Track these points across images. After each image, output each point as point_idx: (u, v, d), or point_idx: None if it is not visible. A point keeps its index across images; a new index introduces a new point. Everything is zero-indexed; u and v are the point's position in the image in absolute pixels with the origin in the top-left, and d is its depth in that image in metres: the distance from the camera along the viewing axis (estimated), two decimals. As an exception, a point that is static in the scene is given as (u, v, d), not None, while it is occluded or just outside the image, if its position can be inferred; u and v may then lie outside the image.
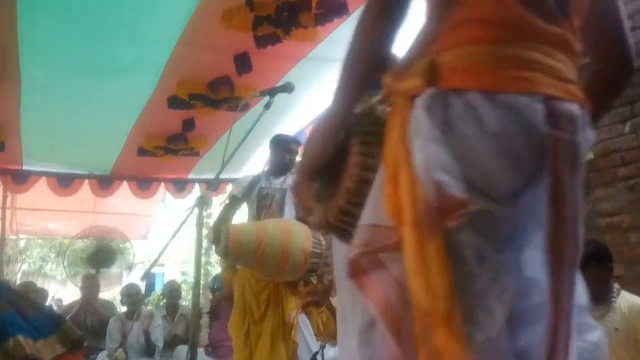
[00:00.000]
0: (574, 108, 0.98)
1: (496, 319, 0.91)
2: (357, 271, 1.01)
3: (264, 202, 3.32)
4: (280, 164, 3.39)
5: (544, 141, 0.94)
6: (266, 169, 3.51)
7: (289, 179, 3.48)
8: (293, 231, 2.97)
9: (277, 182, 3.40)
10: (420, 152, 0.93)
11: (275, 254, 2.83)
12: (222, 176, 3.22)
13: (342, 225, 1.16)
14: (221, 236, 2.80)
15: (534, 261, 0.99)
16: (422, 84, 0.98)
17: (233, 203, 3.39)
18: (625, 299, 2.70)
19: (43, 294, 5.60)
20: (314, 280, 3.33)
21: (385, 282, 0.98)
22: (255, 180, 3.39)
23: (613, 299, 2.71)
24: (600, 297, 2.75)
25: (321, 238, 3.07)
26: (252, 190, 3.33)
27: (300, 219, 3.12)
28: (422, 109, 0.96)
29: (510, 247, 0.99)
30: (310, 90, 3.57)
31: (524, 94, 0.94)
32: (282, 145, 3.34)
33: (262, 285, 3.16)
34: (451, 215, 0.88)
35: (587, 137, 1.01)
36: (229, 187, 4.62)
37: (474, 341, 0.89)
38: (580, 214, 0.97)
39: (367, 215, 1.02)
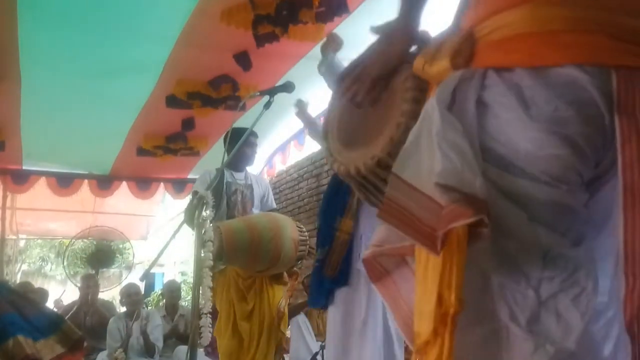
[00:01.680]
0: None
1: (573, 329, 0.74)
2: (380, 274, 0.90)
3: (234, 198, 3.25)
4: (240, 158, 3.26)
5: (610, 127, 0.76)
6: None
7: (250, 174, 3.43)
8: (280, 222, 2.95)
9: (241, 177, 3.33)
10: (426, 154, 0.80)
11: (269, 247, 2.80)
12: (222, 176, 3.21)
13: (374, 179, 1.00)
14: (214, 237, 2.65)
15: (605, 269, 0.82)
16: (448, 66, 0.84)
17: (200, 200, 3.26)
18: None
19: (42, 293, 5.59)
20: (297, 269, 3.26)
21: (406, 281, 0.87)
22: (218, 175, 3.29)
23: None
24: None
25: (302, 225, 3.07)
26: (218, 185, 3.15)
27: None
28: (435, 100, 0.81)
29: (585, 244, 0.82)
30: (310, 90, 3.56)
31: (583, 66, 0.75)
32: (241, 139, 2.91)
33: (249, 282, 3.11)
34: (446, 226, 0.72)
35: None
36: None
37: (549, 355, 0.73)
38: None
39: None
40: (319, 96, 3.64)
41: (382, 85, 1.06)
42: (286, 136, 5.68)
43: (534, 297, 0.75)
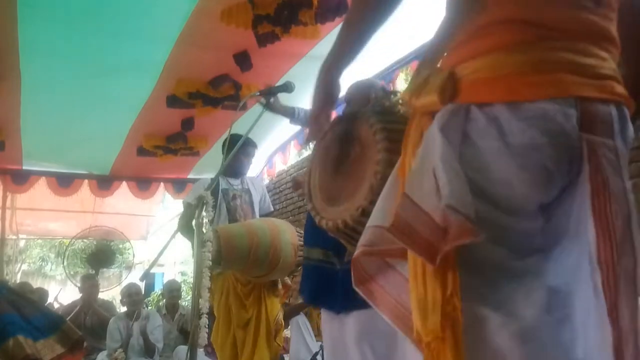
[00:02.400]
0: (610, 108, 0.92)
1: (529, 313, 0.88)
2: (363, 277, 0.99)
3: (233, 204, 3.24)
4: (236, 166, 3.28)
5: (578, 149, 0.88)
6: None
7: (246, 178, 3.42)
8: (279, 227, 2.92)
9: (237, 183, 3.32)
10: (427, 178, 0.89)
11: (267, 252, 2.77)
12: (223, 176, 3.20)
13: (362, 229, 1.06)
14: (212, 241, 2.63)
15: (573, 273, 0.93)
16: (438, 100, 0.94)
17: (200, 200, 3.20)
18: None
19: (42, 294, 5.60)
20: (288, 281, 3.22)
21: (396, 283, 0.96)
22: (214, 182, 3.26)
23: None
24: None
25: (301, 230, 3.05)
26: (213, 193, 3.19)
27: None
28: (437, 128, 0.92)
29: (538, 256, 0.94)
30: (310, 90, 3.56)
31: (553, 99, 0.88)
32: (238, 146, 2.85)
33: (248, 289, 3.08)
34: (452, 243, 0.83)
35: (628, 137, 0.95)
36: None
37: (510, 328, 0.86)
38: (635, 220, 0.90)
39: (376, 216, 0.98)
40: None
41: (349, 140, 1.23)
42: (286, 136, 5.68)
43: (494, 299, 0.89)
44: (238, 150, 2.52)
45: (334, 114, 1.42)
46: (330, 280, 2.15)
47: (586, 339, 0.89)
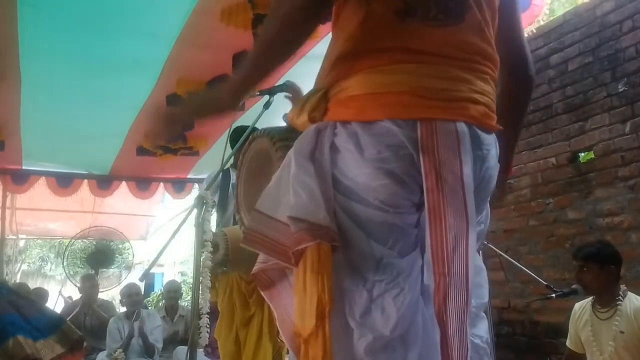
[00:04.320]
0: (457, 127, 1.01)
1: (390, 320, 0.98)
2: (266, 284, 1.13)
3: None
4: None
5: (419, 163, 0.99)
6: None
7: None
8: None
9: None
10: (284, 191, 1.03)
11: None
12: (222, 176, 3.18)
13: None
14: (219, 244, 2.65)
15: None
16: (307, 120, 1.08)
17: (200, 200, 3.18)
18: (631, 302, 2.68)
19: (41, 293, 5.59)
20: None
21: (286, 291, 1.10)
22: (226, 176, 3.20)
23: (619, 302, 2.68)
24: (607, 298, 2.73)
25: None
26: (224, 187, 3.14)
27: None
28: (292, 151, 1.05)
29: (418, 252, 1.06)
30: (310, 89, 3.56)
31: (395, 120, 0.99)
32: (245, 137, 2.90)
33: (252, 287, 3.04)
34: (295, 247, 0.97)
35: (481, 153, 1.04)
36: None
37: (368, 341, 0.97)
38: (472, 231, 0.99)
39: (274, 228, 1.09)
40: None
41: (265, 158, 1.40)
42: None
43: (367, 296, 1.00)
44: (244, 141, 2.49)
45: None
46: None
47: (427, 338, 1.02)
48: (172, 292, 5.33)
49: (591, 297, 2.84)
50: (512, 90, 1.28)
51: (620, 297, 2.69)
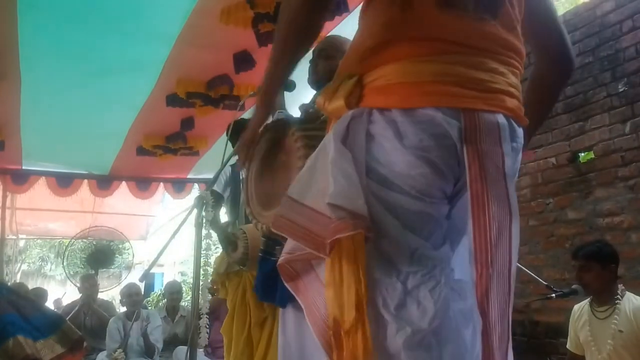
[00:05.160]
0: (497, 117, 1.02)
1: (428, 312, 0.97)
2: (292, 275, 1.11)
3: None
4: None
5: (461, 153, 0.99)
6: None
7: None
8: None
9: None
10: (321, 177, 1.01)
11: None
12: (222, 176, 3.17)
13: None
14: (238, 242, 2.62)
15: (464, 262, 1.04)
16: (343, 106, 1.06)
17: (218, 201, 3.13)
18: (630, 301, 2.68)
19: (40, 293, 5.59)
20: None
21: (313, 285, 1.07)
22: (235, 172, 3.17)
23: (618, 301, 2.69)
24: (605, 297, 2.74)
25: None
26: (236, 184, 3.11)
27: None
28: (332, 134, 1.04)
29: (448, 245, 1.05)
30: (309, 90, 3.56)
31: (440, 108, 0.98)
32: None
33: None
34: (333, 235, 0.94)
35: (516, 145, 1.05)
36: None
37: (404, 335, 0.95)
38: (515, 220, 1.00)
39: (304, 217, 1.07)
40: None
41: (277, 148, 1.38)
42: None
43: (402, 288, 0.98)
44: None
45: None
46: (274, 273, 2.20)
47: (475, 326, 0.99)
48: (175, 294, 5.31)
49: (589, 298, 2.85)
50: (550, 78, 1.29)
51: (618, 297, 2.69)
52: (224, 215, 3.46)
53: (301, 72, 3.92)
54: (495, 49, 1.04)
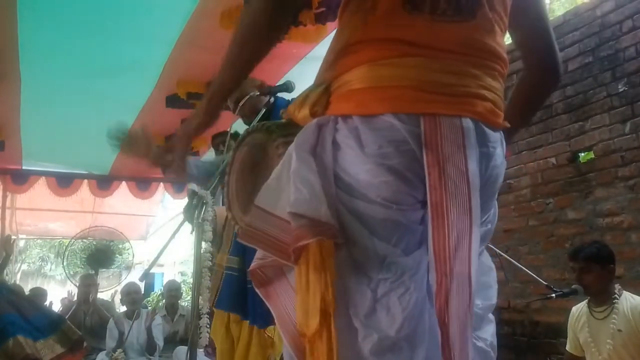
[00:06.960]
0: (462, 122, 0.98)
1: (396, 320, 0.95)
2: (263, 281, 1.10)
3: None
4: None
5: (422, 159, 0.96)
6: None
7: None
8: None
9: None
10: (286, 187, 1.00)
11: None
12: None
13: None
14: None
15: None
16: (308, 115, 1.05)
17: (200, 200, 3.20)
18: (627, 300, 2.69)
19: (40, 293, 5.60)
20: None
21: (285, 290, 1.06)
22: (217, 175, 3.23)
23: (616, 301, 2.70)
24: (603, 297, 2.75)
25: None
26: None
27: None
28: (293, 146, 1.03)
29: (424, 249, 1.01)
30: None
31: (398, 114, 0.96)
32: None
33: None
34: (295, 244, 0.94)
35: (486, 150, 1.02)
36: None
37: (373, 341, 0.94)
38: (469, 233, 0.97)
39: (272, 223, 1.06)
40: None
41: (261, 153, 1.37)
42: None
43: (372, 295, 0.96)
44: None
45: None
46: (243, 289, 2.38)
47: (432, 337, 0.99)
48: (173, 291, 5.33)
49: (587, 299, 2.85)
50: (537, 82, 1.27)
51: (616, 296, 2.70)
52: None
53: (301, 72, 3.94)
54: (468, 51, 1.01)
